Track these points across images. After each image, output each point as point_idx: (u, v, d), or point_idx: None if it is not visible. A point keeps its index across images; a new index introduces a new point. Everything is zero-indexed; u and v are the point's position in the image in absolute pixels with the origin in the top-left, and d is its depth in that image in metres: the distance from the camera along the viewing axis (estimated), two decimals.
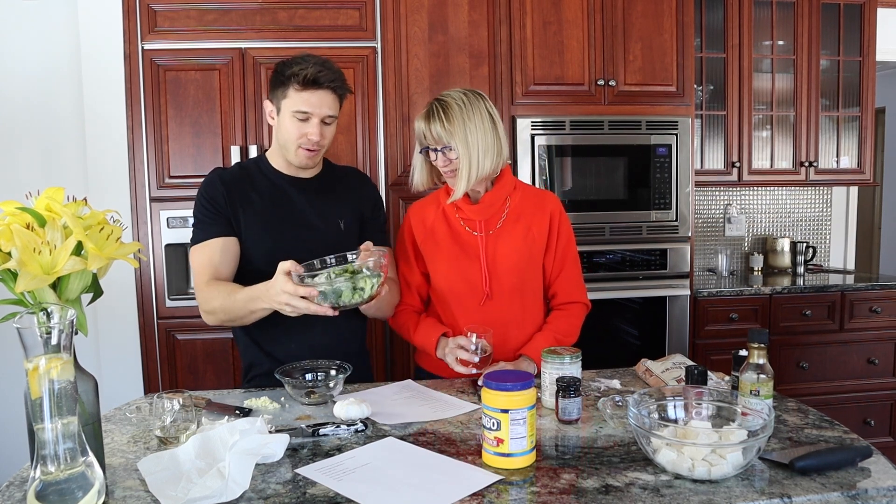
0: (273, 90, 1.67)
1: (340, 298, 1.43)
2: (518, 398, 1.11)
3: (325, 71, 1.62)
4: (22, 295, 1.00)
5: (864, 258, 5.47)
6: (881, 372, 3.23)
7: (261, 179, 1.74)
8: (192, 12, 2.67)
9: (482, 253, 1.72)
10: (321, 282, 1.43)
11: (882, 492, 1.02)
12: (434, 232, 1.77)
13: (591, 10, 2.88)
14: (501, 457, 1.12)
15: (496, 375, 1.14)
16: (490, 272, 1.72)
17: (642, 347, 2.98)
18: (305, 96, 1.61)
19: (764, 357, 1.28)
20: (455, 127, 1.63)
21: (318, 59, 1.65)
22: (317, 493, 1.04)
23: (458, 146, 1.63)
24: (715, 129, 3.31)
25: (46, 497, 0.84)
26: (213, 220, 1.67)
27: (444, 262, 1.74)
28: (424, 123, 1.67)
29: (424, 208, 1.82)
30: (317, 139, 1.65)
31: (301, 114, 1.62)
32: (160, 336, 2.71)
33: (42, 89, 2.93)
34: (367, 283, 1.44)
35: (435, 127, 1.64)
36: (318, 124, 1.64)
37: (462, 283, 1.73)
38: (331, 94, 1.65)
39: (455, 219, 1.75)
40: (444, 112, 1.64)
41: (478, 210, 1.73)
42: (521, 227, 1.74)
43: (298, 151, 1.67)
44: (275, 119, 1.69)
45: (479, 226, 1.73)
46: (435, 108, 1.66)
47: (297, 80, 1.60)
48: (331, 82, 1.63)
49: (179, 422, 1.24)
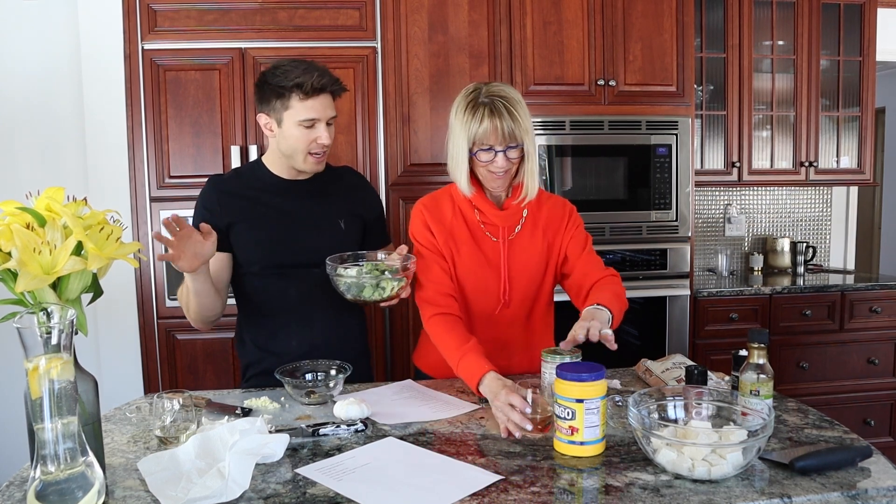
0: (267, 103, 1.64)
1: (362, 293, 1.52)
2: (592, 388, 1.14)
3: (325, 76, 1.63)
4: (22, 295, 1.00)
5: (864, 258, 5.47)
6: (881, 372, 3.23)
7: (258, 185, 1.73)
8: (192, 12, 2.67)
9: (503, 260, 1.65)
10: (351, 274, 1.53)
11: (882, 492, 1.02)
12: (454, 233, 1.66)
13: (591, 10, 2.88)
14: (575, 445, 1.15)
15: (570, 367, 1.18)
16: (510, 281, 1.66)
17: (642, 347, 2.98)
18: (310, 104, 1.61)
19: (764, 357, 1.28)
20: (526, 123, 1.53)
21: (308, 64, 1.64)
22: (317, 493, 1.04)
23: (528, 144, 1.54)
24: (715, 129, 3.31)
25: (46, 497, 0.84)
26: None
27: (464, 267, 1.65)
28: (492, 121, 1.49)
29: (440, 205, 1.69)
30: (327, 142, 1.66)
31: (308, 122, 1.62)
32: (160, 336, 2.71)
33: (42, 89, 2.92)
34: (389, 284, 1.52)
35: (507, 125, 1.49)
36: (325, 128, 1.65)
37: (480, 290, 1.67)
38: (331, 96, 1.66)
39: (475, 222, 1.66)
40: (514, 108, 1.51)
41: (503, 216, 1.65)
42: (538, 234, 1.68)
43: (308, 158, 1.67)
44: (274, 131, 1.67)
45: (500, 232, 1.66)
46: (500, 103, 1.50)
47: (301, 90, 1.59)
48: (332, 86, 1.65)
49: (179, 422, 1.24)
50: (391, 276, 1.52)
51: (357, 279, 1.51)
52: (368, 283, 1.51)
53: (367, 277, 1.51)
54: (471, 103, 1.53)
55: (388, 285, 1.52)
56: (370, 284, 1.51)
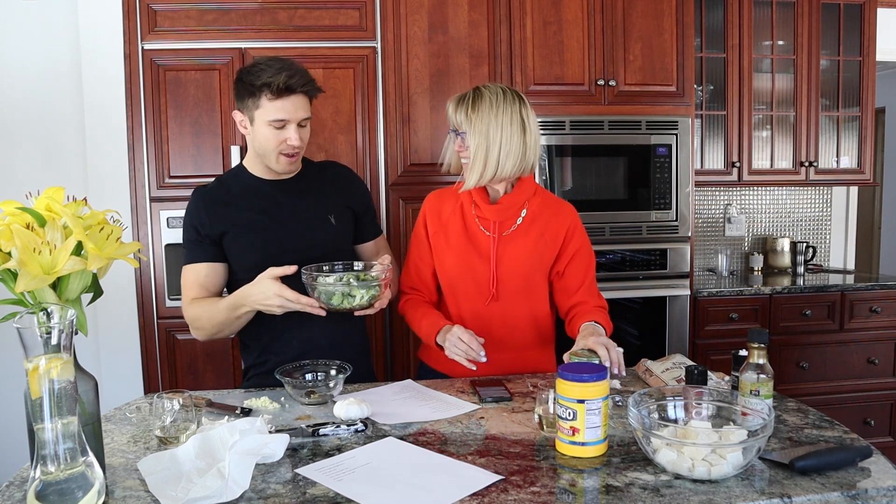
0: (241, 100, 1.64)
1: (330, 301, 1.50)
2: (593, 389, 1.14)
3: (296, 76, 1.60)
4: (22, 295, 1.00)
5: (864, 258, 5.47)
6: (881, 372, 3.23)
7: (242, 190, 1.73)
8: (192, 12, 2.67)
9: (492, 254, 1.72)
10: (327, 281, 1.51)
11: (882, 492, 1.02)
12: (447, 226, 1.76)
13: (591, 10, 2.88)
14: (576, 446, 1.15)
15: (572, 367, 1.18)
16: (498, 274, 1.72)
17: (642, 347, 2.98)
18: (279, 104, 1.59)
19: (764, 357, 1.28)
20: (478, 118, 1.63)
21: (285, 62, 1.62)
22: (317, 493, 1.04)
23: (473, 137, 1.63)
24: (715, 129, 3.31)
25: (46, 497, 0.84)
26: (199, 245, 1.70)
27: (453, 257, 1.74)
28: (453, 105, 1.68)
29: (442, 201, 1.80)
30: (296, 144, 1.64)
31: (277, 122, 1.60)
32: (160, 336, 2.71)
33: (42, 89, 2.92)
34: (359, 293, 1.50)
35: (460, 111, 1.66)
36: (295, 129, 1.63)
37: (469, 281, 1.73)
38: (303, 97, 1.63)
39: (471, 216, 1.75)
40: (474, 101, 1.65)
41: (495, 210, 1.72)
42: (533, 234, 1.73)
43: (280, 158, 1.66)
44: (248, 129, 1.67)
45: (494, 227, 1.73)
46: (469, 94, 1.67)
47: (270, 90, 1.57)
48: (303, 87, 1.61)
49: (179, 422, 1.24)
50: (358, 285, 1.50)
51: (326, 287, 1.49)
52: (338, 292, 1.49)
53: (338, 285, 1.49)
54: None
55: (357, 294, 1.49)
56: (339, 293, 1.49)
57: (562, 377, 1.17)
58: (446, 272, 1.76)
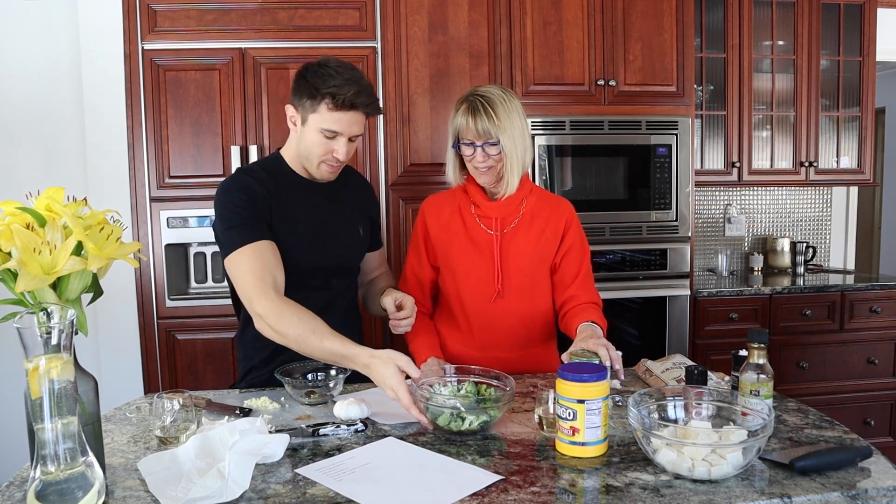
0: (299, 98, 1.57)
1: (437, 419, 1.29)
2: (593, 389, 1.14)
3: (363, 94, 1.55)
4: (22, 295, 1.00)
5: (864, 258, 5.47)
6: (881, 372, 3.23)
7: (287, 181, 1.66)
8: (192, 12, 2.67)
9: (496, 251, 1.73)
10: (439, 394, 1.36)
11: (882, 492, 1.02)
12: (449, 227, 1.77)
13: (591, 10, 2.88)
14: (576, 446, 1.15)
15: (572, 367, 1.18)
16: (502, 271, 1.73)
17: (642, 347, 2.98)
18: (338, 116, 1.54)
19: (764, 357, 1.28)
20: (503, 122, 1.62)
21: (354, 76, 1.55)
22: (317, 493, 1.04)
23: (505, 142, 1.62)
24: (715, 129, 3.31)
25: (46, 497, 0.84)
26: (257, 222, 1.55)
27: (457, 258, 1.75)
28: (467, 118, 1.62)
29: (441, 204, 1.81)
30: (343, 157, 1.59)
31: (330, 132, 1.56)
32: (160, 336, 2.71)
33: (42, 89, 2.92)
34: (468, 418, 1.27)
35: (481, 122, 1.60)
36: (345, 143, 1.58)
37: (474, 280, 1.74)
38: (363, 115, 1.59)
39: (471, 216, 1.76)
40: (491, 107, 1.61)
41: (496, 207, 1.73)
42: (535, 230, 1.74)
43: (321, 166, 1.62)
44: (297, 127, 1.61)
45: (495, 224, 1.74)
46: (479, 102, 1.62)
47: (333, 100, 1.52)
48: (366, 106, 1.57)
49: (179, 422, 1.24)
50: (478, 409, 1.27)
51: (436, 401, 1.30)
52: (447, 410, 1.27)
53: (449, 403, 1.28)
54: (459, 101, 1.68)
55: (468, 417, 1.27)
56: (447, 412, 1.27)
57: (562, 377, 1.17)
58: (450, 273, 1.77)
